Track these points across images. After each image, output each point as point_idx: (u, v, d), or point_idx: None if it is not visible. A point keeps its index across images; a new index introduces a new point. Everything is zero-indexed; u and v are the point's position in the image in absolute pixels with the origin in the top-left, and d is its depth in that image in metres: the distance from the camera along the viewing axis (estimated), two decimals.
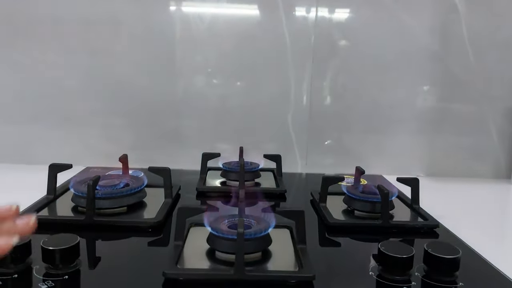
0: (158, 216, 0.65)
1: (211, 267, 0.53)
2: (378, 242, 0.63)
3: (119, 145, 1.02)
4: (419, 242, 0.64)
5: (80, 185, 0.69)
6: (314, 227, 0.69)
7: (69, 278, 0.49)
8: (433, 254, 0.52)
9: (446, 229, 0.68)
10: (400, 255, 0.51)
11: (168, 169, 0.73)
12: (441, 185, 1.01)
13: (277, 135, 1.04)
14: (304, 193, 0.86)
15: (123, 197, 0.68)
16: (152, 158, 1.02)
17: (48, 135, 1.02)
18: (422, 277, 0.52)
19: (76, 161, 0.99)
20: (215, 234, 0.54)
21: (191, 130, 1.04)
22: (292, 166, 1.03)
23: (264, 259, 0.54)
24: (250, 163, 0.88)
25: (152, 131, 1.04)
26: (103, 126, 1.02)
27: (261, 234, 0.54)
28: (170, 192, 0.73)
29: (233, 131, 1.04)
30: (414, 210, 0.73)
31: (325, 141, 1.05)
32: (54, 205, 0.71)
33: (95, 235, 0.62)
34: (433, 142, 1.07)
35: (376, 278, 0.52)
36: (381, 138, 1.06)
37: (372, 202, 0.70)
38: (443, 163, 1.07)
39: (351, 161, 1.05)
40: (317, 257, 0.56)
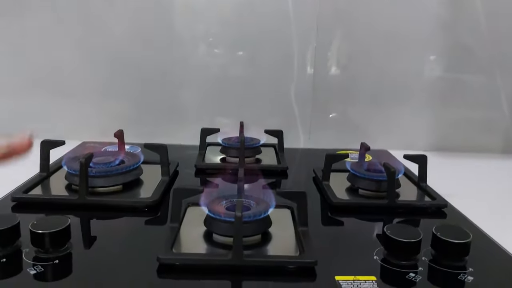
0: (154, 195, 0.62)
1: (208, 250, 0.51)
2: (383, 223, 0.61)
3: (115, 119, 0.98)
4: (426, 223, 0.62)
5: (73, 162, 0.66)
6: (317, 206, 0.66)
7: (59, 263, 0.47)
8: (442, 239, 0.49)
9: (455, 209, 0.65)
10: (407, 240, 0.48)
11: (164, 146, 0.70)
12: (450, 161, 0.97)
13: (279, 108, 1.01)
14: (306, 169, 0.83)
15: (118, 175, 0.65)
16: (150, 133, 0.99)
17: (41, 109, 0.99)
18: (429, 261, 0.49)
19: (71, 136, 0.96)
20: (212, 216, 0.51)
21: (190, 104, 1.01)
22: (295, 141, 1.00)
23: (264, 241, 0.52)
24: (251, 139, 0.85)
25: (150, 104, 1.00)
26: (99, 99, 0.99)
27: (260, 216, 0.51)
28: (167, 170, 0.70)
29: (233, 104, 1.01)
30: (421, 189, 0.71)
31: (329, 114, 1.02)
32: (47, 182, 0.69)
33: (89, 215, 0.60)
34: (442, 115, 1.03)
35: (381, 262, 0.49)
36: (388, 111, 1.02)
37: (377, 180, 0.67)
38: (452, 137, 1.04)
39: (356, 135, 1.02)
40: (319, 239, 0.54)
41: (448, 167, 0.93)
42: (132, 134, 0.97)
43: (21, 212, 0.59)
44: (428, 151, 1.02)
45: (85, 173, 0.60)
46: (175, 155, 0.87)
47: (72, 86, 0.98)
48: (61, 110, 0.99)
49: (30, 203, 0.61)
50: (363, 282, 0.45)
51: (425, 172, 0.71)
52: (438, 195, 0.68)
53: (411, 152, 0.99)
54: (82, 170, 0.59)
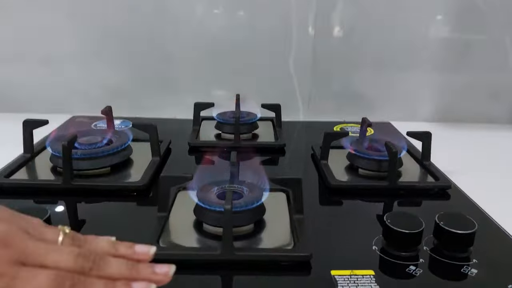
0: (143, 179, 0.59)
1: (198, 241, 0.48)
2: (383, 205, 0.59)
3: (105, 90, 0.95)
4: (429, 206, 0.59)
5: (57, 143, 0.63)
6: (315, 188, 0.63)
7: None
8: (445, 229, 0.46)
9: (459, 190, 0.62)
10: (408, 230, 0.45)
11: (154, 126, 0.66)
12: (455, 132, 0.93)
13: (277, 78, 0.96)
14: (305, 145, 0.79)
15: (105, 157, 0.62)
16: (142, 105, 0.95)
17: (27, 80, 0.95)
18: (430, 251, 0.47)
19: (60, 108, 0.93)
20: (202, 205, 0.48)
21: (184, 75, 0.96)
22: (294, 113, 0.96)
23: (257, 230, 0.49)
24: (247, 114, 0.81)
25: (141, 74, 0.95)
26: (87, 69, 0.94)
27: (252, 205, 0.48)
28: (158, 150, 0.66)
29: (229, 74, 0.96)
30: (424, 167, 0.67)
31: (330, 84, 0.97)
32: (32, 164, 0.65)
33: (74, 200, 0.57)
34: (447, 83, 0.98)
35: (380, 253, 0.47)
36: (391, 80, 0.98)
37: (378, 160, 0.64)
38: (457, 106, 0.99)
39: (358, 106, 0.98)
40: (316, 227, 0.51)
41: (453, 139, 0.89)
42: (123, 107, 0.94)
43: (4, 197, 0.57)
44: (433, 122, 0.99)
45: (69, 157, 0.57)
46: (168, 131, 0.84)
47: (59, 57, 0.94)
48: (47, 81, 0.95)
49: (13, 188, 0.58)
50: (360, 277, 0.43)
51: (429, 150, 0.68)
52: (442, 174, 0.64)
53: (414, 124, 0.96)
54: (65, 154, 0.56)
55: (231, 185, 0.52)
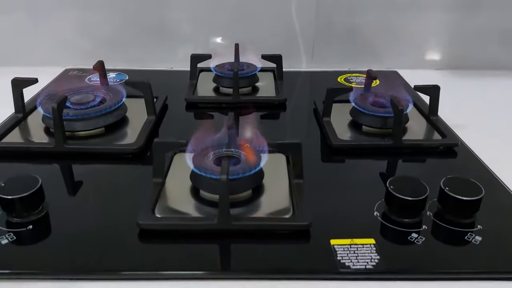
0: (138, 141, 0.57)
1: (195, 208, 0.47)
2: (387, 164, 0.57)
3: (98, 41, 0.91)
4: (434, 165, 0.57)
5: (48, 102, 0.60)
6: (316, 147, 0.61)
7: (33, 228, 0.43)
8: (450, 195, 0.44)
9: (467, 147, 0.59)
10: (412, 198, 0.44)
11: (147, 83, 0.63)
12: (465, 81, 0.89)
13: (278, 25, 0.91)
14: (307, 99, 0.76)
15: (99, 118, 0.60)
16: (136, 56, 0.92)
17: (14, 32, 0.90)
18: (434, 217, 0.45)
19: (52, 61, 0.90)
20: (198, 173, 0.46)
21: (180, 23, 0.91)
22: (296, 62, 0.92)
23: (255, 196, 0.48)
24: (247, 66, 0.77)
25: (135, 23, 0.91)
26: (78, 19, 0.89)
27: (249, 172, 0.46)
28: (153, 108, 0.64)
29: (228, 22, 0.91)
30: (431, 123, 0.64)
31: (334, 31, 0.92)
32: (24, 125, 0.63)
33: (68, 163, 0.55)
34: (457, 27, 0.92)
35: (381, 220, 0.45)
36: (399, 25, 0.92)
37: (383, 117, 0.61)
38: (468, 52, 0.94)
39: (363, 54, 0.94)
40: (316, 191, 0.49)
41: (463, 88, 0.85)
42: (118, 59, 0.90)
43: None
44: (442, 69, 0.94)
45: (60, 120, 0.54)
46: (164, 84, 0.81)
47: (47, 6, 0.88)
48: (40, 33, 0.90)
49: (5, 152, 0.57)
50: (360, 247, 0.42)
51: (437, 105, 0.65)
52: (449, 130, 0.62)
53: (422, 72, 0.92)
54: (55, 117, 0.54)
55: (228, 150, 0.50)
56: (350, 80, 0.83)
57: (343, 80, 0.83)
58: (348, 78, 0.84)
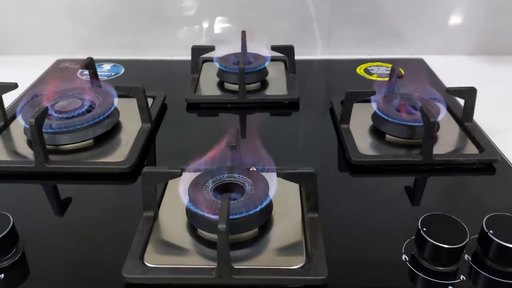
0: (129, 158, 0.50)
1: (191, 247, 0.40)
2: (416, 187, 0.49)
3: (92, 26, 0.82)
4: (470, 184, 0.50)
5: (30, 110, 0.53)
6: (333, 161, 0.53)
7: (5, 277, 0.38)
8: (495, 240, 0.37)
9: (507, 163, 0.51)
10: (448, 245, 0.37)
11: (140, 88, 0.55)
12: (502, 69, 0.79)
13: (291, 6, 0.81)
14: (323, 95, 0.68)
15: (87, 128, 0.53)
16: (134, 43, 0.83)
17: (4, 18, 0.82)
18: (472, 262, 0.38)
19: (44, 49, 0.82)
20: (193, 210, 0.39)
21: (180, 4, 0.82)
22: (310, 48, 0.83)
23: (261, 233, 0.41)
24: (255, 58, 0.69)
25: (130, 7, 0.81)
26: (70, 3, 0.81)
27: (255, 210, 0.39)
28: (148, 116, 0.56)
29: (234, 4, 0.81)
30: (465, 130, 0.56)
31: (353, 13, 0.82)
32: (7, 135, 0.57)
33: (50, 184, 0.49)
34: (496, 5, 0.81)
35: (410, 266, 0.38)
36: (425, 4, 0.82)
37: (410, 126, 0.53)
38: (505, 33, 0.83)
39: (385, 37, 0.84)
40: (332, 223, 0.42)
41: (501, 78, 0.76)
42: (114, 45, 0.83)
43: None
44: (475, 54, 0.84)
45: (39, 137, 0.47)
46: (163, 78, 0.74)
47: None
48: (31, 19, 0.82)
49: None
50: None
51: (472, 109, 0.56)
52: (486, 140, 0.54)
53: (452, 58, 0.83)
54: (34, 133, 0.47)
55: (230, 175, 0.43)
56: (370, 71, 0.74)
57: (363, 71, 0.74)
58: (369, 69, 0.75)
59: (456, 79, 0.65)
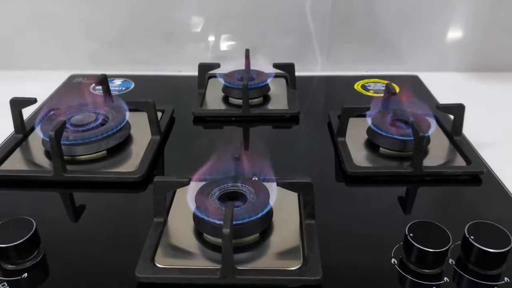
0: (140, 168, 0.54)
1: (198, 251, 0.43)
2: (406, 196, 0.53)
3: (104, 42, 0.87)
4: (457, 195, 0.53)
5: (48, 123, 0.58)
6: (330, 171, 0.57)
7: (28, 276, 0.41)
8: (475, 245, 0.40)
9: (492, 175, 0.55)
10: (432, 249, 0.40)
11: (151, 103, 0.60)
12: (493, 85, 0.83)
13: (292, 25, 0.86)
14: (321, 110, 0.72)
15: (101, 141, 0.57)
16: (143, 59, 0.88)
17: (20, 36, 0.87)
18: (456, 266, 0.42)
19: (57, 64, 0.87)
20: (199, 216, 0.43)
21: (189, 24, 0.86)
22: (310, 65, 0.87)
23: (262, 238, 0.44)
24: (257, 75, 0.73)
25: (140, 24, 0.86)
26: (83, 21, 0.86)
27: (257, 216, 0.43)
28: (157, 128, 0.61)
29: (238, 22, 0.86)
30: (454, 144, 0.60)
31: (351, 31, 0.86)
32: (26, 146, 0.61)
33: (67, 192, 0.53)
34: (483, 22, 0.85)
35: (399, 269, 0.42)
36: (420, 23, 0.86)
37: (402, 140, 0.57)
38: (496, 51, 0.87)
39: (382, 54, 0.88)
40: (328, 229, 0.46)
41: (491, 94, 0.79)
42: (124, 61, 0.87)
43: None
44: (467, 71, 0.88)
45: (58, 148, 0.51)
46: (171, 93, 0.78)
47: (52, 10, 0.84)
48: (45, 35, 0.87)
49: (4, 180, 0.54)
50: None
51: (461, 124, 0.60)
52: (474, 153, 0.57)
53: (445, 75, 0.87)
54: (53, 146, 0.51)
55: (234, 185, 0.47)
56: (367, 87, 0.78)
57: (360, 87, 0.78)
58: (366, 85, 0.79)
59: (448, 94, 0.68)
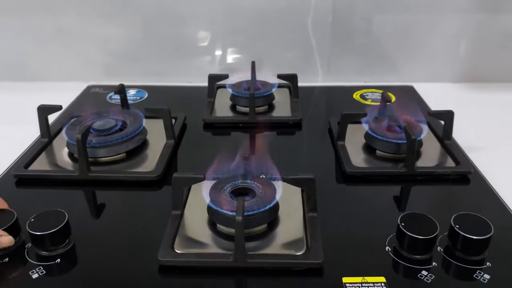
0: (157, 169, 0.59)
1: (212, 240, 0.49)
2: (400, 193, 0.58)
3: (119, 57, 0.93)
4: (446, 192, 0.58)
5: (73, 129, 0.63)
6: (330, 171, 0.62)
7: (61, 262, 0.46)
8: (460, 233, 0.45)
9: (480, 175, 0.60)
10: (421, 236, 0.45)
11: (166, 110, 0.65)
12: (483, 95, 0.88)
13: (295, 40, 0.92)
14: (323, 117, 0.77)
15: (121, 144, 0.62)
16: (155, 71, 0.93)
17: (41, 50, 0.93)
18: (443, 253, 0.47)
19: (75, 76, 0.93)
20: (214, 208, 0.48)
21: (198, 39, 0.92)
22: (312, 76, 0.93)
23: (269, 229, 0.50)
24: (263, 85, 0.78)
25: (154, 40, 0.92)
26: (101, 36, 0.92)
27: (264, 208, 0.48)
28: (172, 133, 0.66)
29: (244, 37, 0.92)
30: (445, 147, 0.65)
31: (351, 45, 0.92)
32: (50, 150, 0.66)
33: (91, 190, 0.58)
34: (477, 34, 0.91)
35: (392, 256, 0.47)
36: (416, 37, 0.92)
37: (396, 143, 0.62)
38: (486, 63, 0.93)
39: (380, 66, 0.94)
40: (329, 223, 0.51)
41: (481, 104, 0.84)
42: (138, 73, 0.93)
43: (25, 187, 0.59)
44: (460, 82, 0.94)
45: (84, 150, 0.57)
46: (183, 102, 0.83)
47: (69, 24, 0.91)
48: (61, 50, 0.93)
49: (33, 179, 0.60)
50: (371, 285, 0.43)
51: (451, 129, 0.65)
52: (463, 156, 0.62)
53: (440, 85, 0.92)
54: (79, 147, 0.56)
55: (244, 181, 0.52)
56: (365, 96, 0.84)
57: (359, 97, 0.84)
58: (364, 95, 0.84)
59: (441, 103, 0.73)
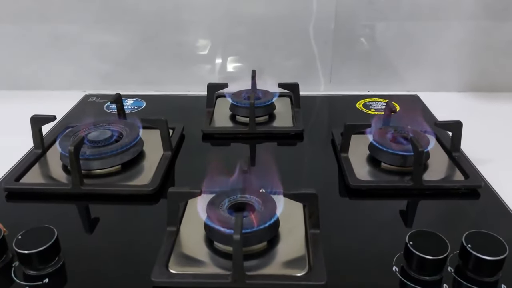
0: (153, 182, 0.57)
1: (209, 258, 0.46)
2: (406, 209, 0.55)
3: (117, 65, 0.91)
4: (456, 207, 0.56)
5: (66, 140, 0.61)
6: (333, 184, 0.59)
7: (49, 281, 0.44)
8: (472, 253, 0.43)
9: (490, 189, 0.57)
10: (431, 256, 0.42)
11: (164, 121, 0.63)
12: (490, 105, 0.86)
13: (296, 48, 0.90)
14: (325, 128, 0.75)
15: (115, 156, 0.60)
16: (154, 79, 0.92)
17: (37, 58, 0.91)
18: (454, 273, 0.44)
19: (72, 84, 0.91)
20: (211, 225, 0.46)
21: (197, 45, 0.90)
22: (314, 85, 0.91)
23: (270, 246, 0.47)
24: (263, 94, 0.76)
25: (152, 47, 0.90)
26: (98, 43, 0.90)
27: (264, 225, 0.45)
28: (169, 144, 0.64)
29: (245, 45, 0.90)
30: (453, 160, 0.62)
31: (353, 53, 0.90)
32: (44, 161, 0.64)
33: (84, 204, 0.56)
34: (482, 43, 0.89)
35: (400, 276, 0.44)
36: (420, 46, 0.90)
37: (402, 155, 0.59)
38: (492, 72, 0.91)
39: (383, 75, 0.92)
40: (332, 238, 0.48)
41: (489, 114, 0.82)
42: (136, 81, 0.91)
43: (15, 201, 0.56)
44: (465, 91, 0.91)
45: (77, 163, 0.55)
46: (181, 111, 0.81)
47: (67, 32, 0.89)
48: (58, 58, 0.91)
49: (24, 193, 0.57)
50: None
51: (459, 141, 0.63)
52: (472, 168, 0.60)
53: (445, 95, 0.90)
54: (72, 160, 0.54)
55: (243, 196, 0.50)
56: (369, 106, 0.81)
57: (362, 106, 0.81)
58: (367, 104, 0.82)
59: (447, 113, 0.71)
